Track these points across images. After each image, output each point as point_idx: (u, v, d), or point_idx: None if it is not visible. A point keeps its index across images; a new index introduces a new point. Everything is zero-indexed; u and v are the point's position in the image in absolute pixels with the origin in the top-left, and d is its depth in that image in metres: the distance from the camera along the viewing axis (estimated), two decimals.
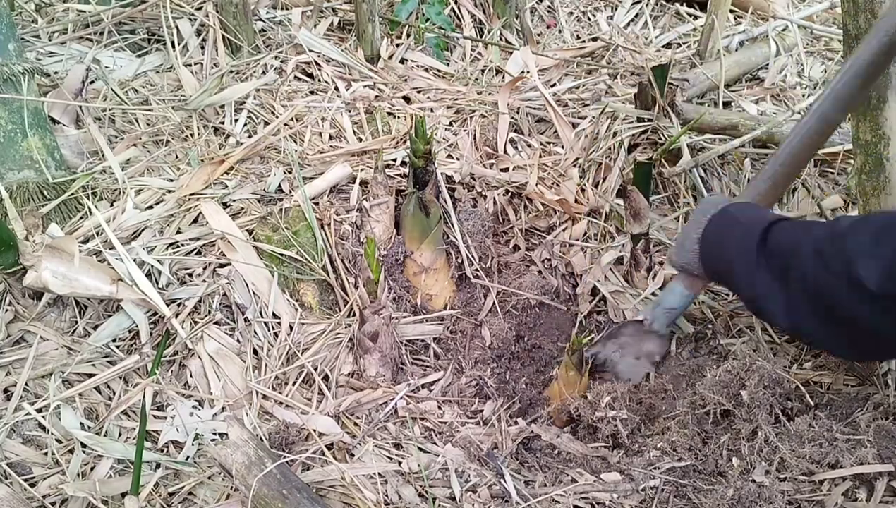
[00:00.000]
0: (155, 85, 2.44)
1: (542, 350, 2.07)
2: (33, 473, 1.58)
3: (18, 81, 2.03)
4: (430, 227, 2.00)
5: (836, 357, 1.75)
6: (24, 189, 1.95)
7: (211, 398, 1.72)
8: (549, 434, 1.75)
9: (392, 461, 1.61)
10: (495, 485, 1.58)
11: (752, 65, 2.82)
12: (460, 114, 2.53)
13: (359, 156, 2.28)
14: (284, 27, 2.72)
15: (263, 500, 1.39)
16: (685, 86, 2.53)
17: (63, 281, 1.73)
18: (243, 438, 1.44)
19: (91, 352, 1.77)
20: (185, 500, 1.56)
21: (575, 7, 3.23)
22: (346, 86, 2.57)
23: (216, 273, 1.91)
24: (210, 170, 2.11)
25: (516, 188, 2.30)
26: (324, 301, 1.99)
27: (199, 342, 1.79)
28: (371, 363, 1.80)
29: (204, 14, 2.56)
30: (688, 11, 3.23)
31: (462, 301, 2.10)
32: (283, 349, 1.82)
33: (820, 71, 2.86)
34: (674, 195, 2.37)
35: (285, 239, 1.98)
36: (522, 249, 2.23)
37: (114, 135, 2.25)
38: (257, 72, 2.53)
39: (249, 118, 2.37)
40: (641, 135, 2.36)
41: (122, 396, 1.71)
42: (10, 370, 1.73)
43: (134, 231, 1.96)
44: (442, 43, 2.87)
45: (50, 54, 2.46)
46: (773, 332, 1.95)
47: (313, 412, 1.69)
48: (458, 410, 1.81)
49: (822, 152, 2.34)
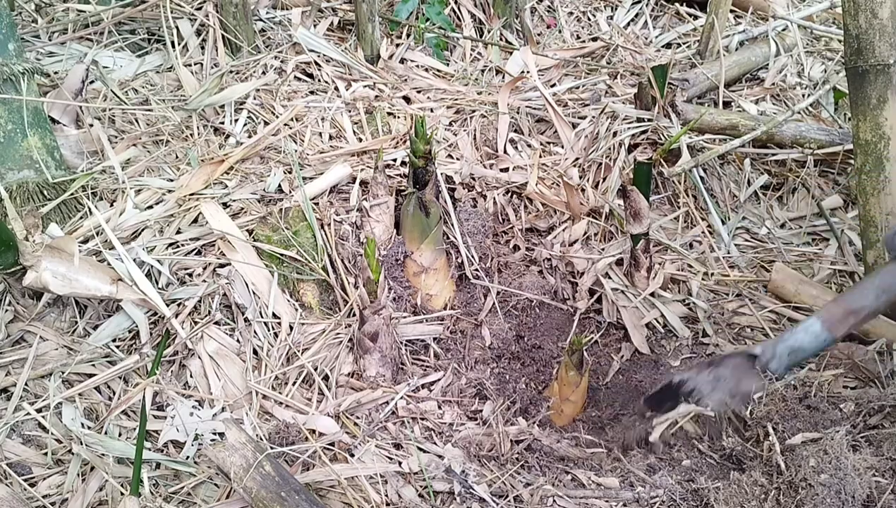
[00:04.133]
0: (155, 85, 2.44)
1: (542, 350, 2.07)
2: (33, 473, 1.58)
3: (18, 81, 2.03)
4: (430, 227, 2.00)
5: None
6: (23, 189, 1.95)
7: (211, 398, 1.72)
8: (549, 440, 1.75)
9: (392, 461, 1.61)
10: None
11: (752, 65, 2.82)
12: (460, 114, 2.53)
13: (359, 156, 2.28)
14: (284, 27, 2.72)
15: (262, 502, 1.39)
16: (685, 86, 2.53)
17: (63, 281, 1.72)
18: (241, 440, 1.44)
19: (91, 352, 1.77)
20: (185, 500, 1.56)
21: (575, 7, 3.23)
22: (346, 86, 2.57)
23: (216, 273, 1.91)
24: (210, 170, 2.11)
25: (516, 188, 2.30)
26: (324, 301, 1.99)
27: (199, 342, 1.79)
28: (371, 363, 1.80)
29: (204, 14, 2.56)
30: (688, 11, 3.23)
31: (462, 301, 2.10)
32: (283, 349, 1.82)
33: (820, 71, 2.86)
34: (674, 195, 2.37)
35: (285, 239, 1.98)
36: (522, 249, 2.23)
37: (114, 135, 2.25)
38: (257, 72, 2.53)
39: (249, 118, 2.37)
40: (641, 135, 2.36)
41: (122, 396, 1.71)
42: (10, 370, 1.73)
43: (134, 231, 1.96)
44: (442, 43, 2.87)
45: (50, 54, 2.46)
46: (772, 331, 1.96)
47: (313, 412, 1.69)
48: (458, 410, 1.81)
49: (822, 152, 2.34)
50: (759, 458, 1.62)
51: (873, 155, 1.91)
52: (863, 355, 1.81)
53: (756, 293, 2.10)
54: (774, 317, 2.04)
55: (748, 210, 2.39)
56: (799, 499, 1.46)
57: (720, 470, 1.66)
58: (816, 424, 1.62)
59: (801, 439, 1.56)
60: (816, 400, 1.67)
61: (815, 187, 2.41)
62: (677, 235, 2.26)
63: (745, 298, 2.09)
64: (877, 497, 1.46)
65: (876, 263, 1.95)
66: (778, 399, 1.70)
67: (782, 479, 1.52)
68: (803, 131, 2.38)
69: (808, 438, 1.55)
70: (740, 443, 1.68)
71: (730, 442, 1.68)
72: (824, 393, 1.70)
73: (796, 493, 1.47)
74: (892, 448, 1.54)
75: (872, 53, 1.85)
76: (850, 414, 1.64)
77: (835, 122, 2.61)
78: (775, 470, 1.54)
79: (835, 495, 1.43)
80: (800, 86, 2.79)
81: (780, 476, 1.53)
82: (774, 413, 1.66)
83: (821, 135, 2.36)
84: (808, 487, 1.45)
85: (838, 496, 1.43)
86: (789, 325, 2.01)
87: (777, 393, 1.72)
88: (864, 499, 1.45)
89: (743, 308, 2.07)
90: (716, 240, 2.27)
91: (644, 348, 1.98)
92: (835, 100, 2.73)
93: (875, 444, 1.57)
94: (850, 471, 1.45)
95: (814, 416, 1.64)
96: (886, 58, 1.84)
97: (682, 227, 2.30)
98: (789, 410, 1.66)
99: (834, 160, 2.39)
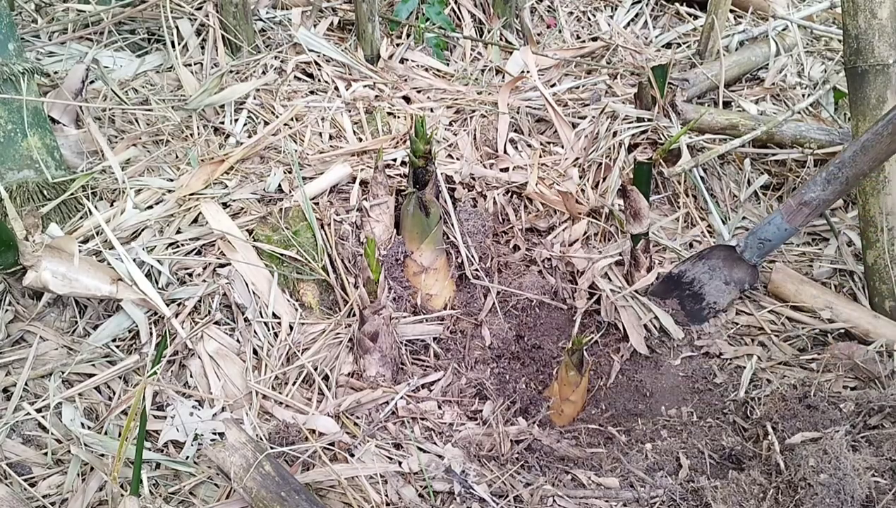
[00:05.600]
0: (155, 85, 2.44)
1: (542, 350, 2.07)
2: (33, 473, 1.59)
3: (18, 81, 2.03)
4: (430, 227, 2.00)
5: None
6: (23, 189, 1.95)
7: (211, 398, 1.72)
8: (549, 439, 1.75)
9: (392, 461, 1.61)
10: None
11: (752, 65, 2.82)
12: (460, 114, 2.53)
13: (359, 156, 2.28)
14: (284, 27, 2.72)
15: (262, 502, 1.39)
16: (685, 86, 2.53)
17: (63, 281, 1.73)
18: (241, 440, 1.44)
19: (91, 352, 1.77)
20: (185, 500, 1.56)
21: (575, 7, 3.23)
22: (346, 86, 2.57)
23: (216, 273, 1.91)
24: (210, 170, 2.11)
25: (516, 188, 2.30)
26: (324, 301, 1.99)
27: (199, 342, 1.79)
28: (371, 363, 1.80)
29: (204, 14, 2.56)
30: (688, 11, 3.23)
31: (462, 301, 2.10)
32: (283, 349, 1.82)
33: (820, 71, 2.86)
34: (674, 195, 2.37)
35: (285, 239, 1.98)
36: (522, 249, 2.23)
37: (114, 135, 2.25)
38: (257, 72, 2.53)
39: (249, 118, 2.37)
40: (641, 135, 2.36)
41: (122, 396, 1.71)
42: (10, 370, 1.73)
43: (134, 231, 1.96)
44: (442, 43, 2.87)
45: (50, 54, 2.46)
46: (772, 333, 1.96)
47: (313, 412, 1.69)
48: (458, 410, 1.81)
49: (822, 152, 2.34)
50: (758, 457, 1.62)
51: None
52: (863, 355, 1.81)
53: (756, 293, 2.10)
54: (773, 317, 2.04)
55: (748, 210, 2.39)
56: (798, 499, 1.46)
57: (720, 470, 1.67)
58: (816, 424, 1.62)
59: (800, 438, 1.56)
60: (816, 400, 1.67)
61: None
62: (677, 235, 2.26)
63: (745, 298, 2.09)
64: (876, 498, 1.47)
65: (876, 263, 1.95)
66: (778, 398, 1.70)
67: (781, 479, 1.52)
68: (803, 131, 2.38)
69: (808, 438, 1.56)
70: (740, 443, 1.68)
71: (730, 442, 1.68)
72: (824, 393, 1.70)
73: (795, 493, 1.47)
74: (892, 448, 1.54)
75: (872, 53, 1.85)
76: (850, 413, 1.64)
77: (835, 122, 2.61)
78: (774, 470, 1.55)
79: (834, 495, 1.44)
80: (800, 86, 2.79)
81: (779, 476, 1.53)
82: (774, 412, 1.67)
83: (821, 134, 2.36)
84: (807, 487, 1.46)
85: (837, 496, 1.44)
86: (789, 325, 2.01)
87: (777, 393, 1.73)
88: (864, 499, 1.46)
89: (742, 307, 2.08)
90: (716, 240, 2.27)
91: (642, 348, 1.98)
92: (835, 100, 2.73)
93: (875, 444, 1.57)
94: (850, 471, 1.45)
95: (813, 416, 1.64)
96: (886, 58, 1.84)
97: (682, 227, 2.30)
98: (789, 410, 1.66)
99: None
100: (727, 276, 1.97)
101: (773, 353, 1.94)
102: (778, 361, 1.91)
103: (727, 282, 1.97)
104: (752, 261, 1.94)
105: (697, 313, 2.03)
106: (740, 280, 1.97)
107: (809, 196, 1.82)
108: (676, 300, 2.03)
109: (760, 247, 1.91)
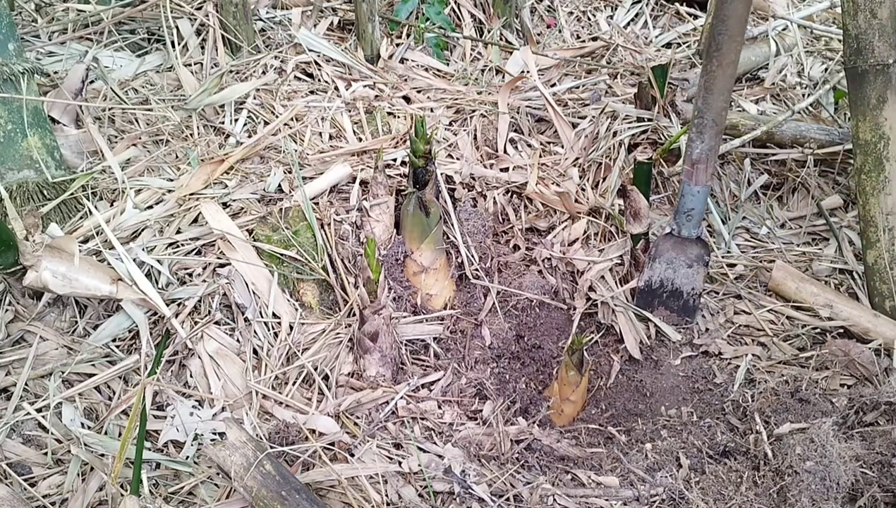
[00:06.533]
0: (155, 85, 2.44)
1: (542, 350, 2.07)
2: (33, 473, 1.59)
3: (18, 81, 2.03)
4: (430, 227, 2.00)
5: None
6: (23, 189, 1.95)
7: (211, 398, 1.72)
8: (549, 439, 1.75)
9: (392, 461, 1.61)
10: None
11: (752, 64, 2.82)
12: (460, 114, 2.53)
13: (359, 156, 2.28)
14: (284, 27, 2.72)
15: (263, 501, 1.39)
16: (685, 86, 2.53)
17: (63, 280, 1.73)
18: (242, 439, 1.44)
19: (91, 352, 1.77)
20: (185, 500, 1.56)
21: (575, 7, 3.23)
22: (346, 86, 2.57)
23: (216, 273, 1.91)
24: (210, 170, 2.11)
25: (516, 188, 2.30)
26: (324, 301, 1.99)
27: (199, 342, 1.79)
28: (371, 363, 1.80)
29: (204, 14, 2.56)
30: (688, 11, 3.23)
31: (462, 301, 2.10)
32: (283, 349, 1.82)
33: (820, 70, 2.86)
34: (674, 195, 2.37)
35: (285, 239, 1.98)
36: (522, 249, 2.23)
37: (114, 135, 2.25)
38: (257, 72, 2.53)
39: (249, 118, 2.37)
40: (641, 135, 2.36)
41: (122, 396, 1.71)
42: (10, 370, 1.73)
43: (134, 231, 1.96)
44: (442, 43, 2.87)
45: (50, 54, 2.46)
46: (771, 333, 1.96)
47: (313, 412, 1.69)
48: (458, 410, 1.81)
49: (822, 152, 2.34)
50: (748, 451, 1.63)
51: (873, 155, 1.91)
52: (859, 353, 1.81)
53: (756, 292, 2.10)
54: (773, 317, 2.04)
55: (748, 210, 2.39)
56: (783, 485, 1.47)
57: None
58: (807, 416, 1.63)
59: (788, 428, 1.57)
60: (808, 394, 1.69)
61: (815, 187, 2.41)
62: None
63: (745, 298, 2.09)
64: (864, 488, 1.47)
65: (876, 263, 1.95)
66: (770, 393, 1.71)
67: (769, 467, 1.53)
68: (803, 131, 2.38)
69: (796, 428, 1.57)
70: (732, 439, 1.69)
71: (724, 439, 1.69)
72: (818, 388, 1.71)
73: (782, 479, 1.48)
74: (884, 444, 1.54)
75: (872, 53, 1.85)
76: (842, 407, 1.65)
77: (835, 122, 2.61)
78: (762, 459, 1.56)
79: (819, 481, 1.45)
80: (800, 85, 2.80)
81: (766, 465, 1.54)
82: (766, 406, 1.68)
83: (821, 134, 2.36)
84: (793, 474, 1.47)
85: (823, 482, 1.45)
86: (788, 324, 2.01)
87: (769, 388, 1.74)
88: (849, 487, 1.47)
89: (742, 306, 2.08)
90: (716, 240, 2.27)
91: (636, 352, 1.97)
92: (835, 100, 2.73)
93: (868, 440, 1.58)
94: (836, 459, 1.47)
95: (805, 409, 1.66)
96: (886, 58, 1.84)
97: None
98: (781, 404, 1.68)
99: (834, 160, 2.39)
100: (686, 260, 1.99)
101: (772, 353, 1.94)
102: (777, 360, 1.91)
103: (690, 265, 1.99)
104: (695, 235, 1.96)
105: (684, 307, 2.03)
106: (698, 256, 1.98)
107: (696, 153, 1.86)
108: (661, 307, 2.04)
109: (689, 218, 1.93)
